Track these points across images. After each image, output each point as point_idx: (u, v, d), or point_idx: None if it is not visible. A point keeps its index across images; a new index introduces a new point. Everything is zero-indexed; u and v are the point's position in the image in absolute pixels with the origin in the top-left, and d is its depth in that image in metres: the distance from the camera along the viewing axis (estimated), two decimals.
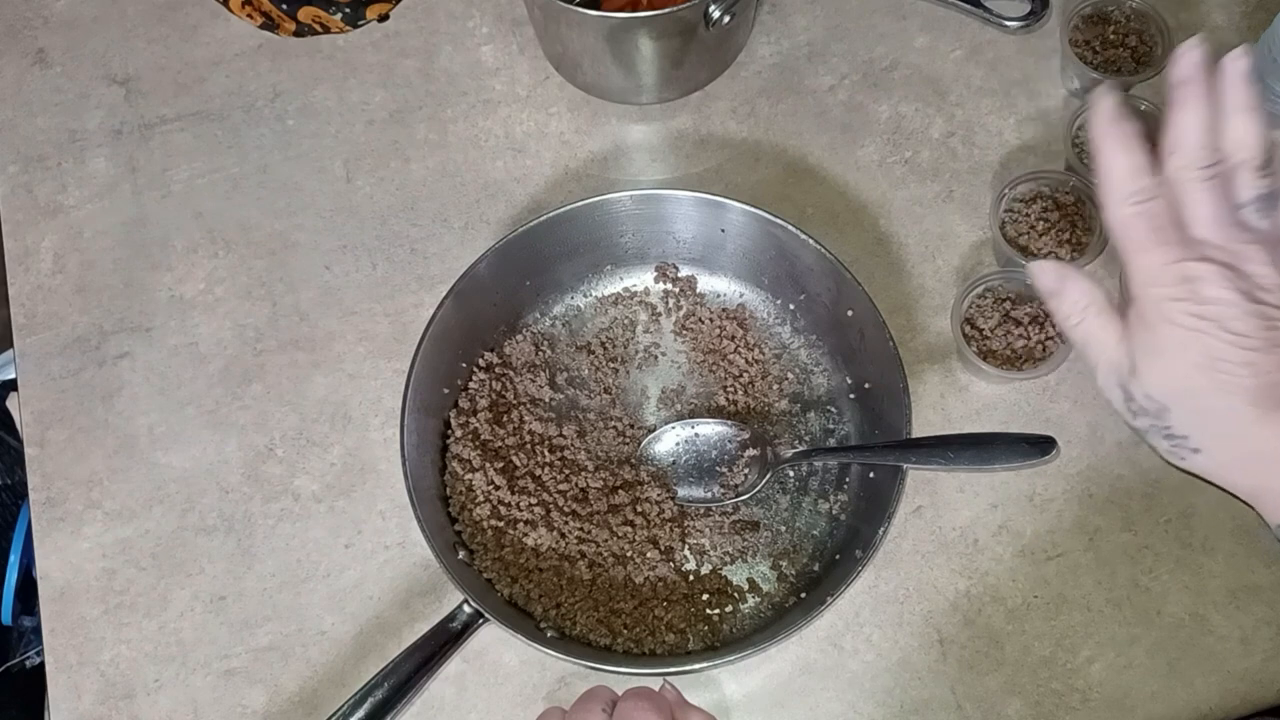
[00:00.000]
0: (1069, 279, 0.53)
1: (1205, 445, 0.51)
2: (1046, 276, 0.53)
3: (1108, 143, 0.49)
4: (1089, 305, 0.52)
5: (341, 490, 0.69)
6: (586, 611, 0.64)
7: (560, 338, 0.72)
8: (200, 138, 0.78)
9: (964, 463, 0.62)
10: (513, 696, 0.65)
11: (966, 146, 0.76)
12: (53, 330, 0.74)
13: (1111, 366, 0.52)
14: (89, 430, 0.71)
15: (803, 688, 0.64)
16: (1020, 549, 0.67)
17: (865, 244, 0.74)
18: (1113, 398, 0.53)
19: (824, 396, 0.69)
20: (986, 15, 0.76)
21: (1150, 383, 0.50)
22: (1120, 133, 0.49)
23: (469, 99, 0.79)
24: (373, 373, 0.72)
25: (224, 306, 0.74)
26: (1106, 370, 0.53)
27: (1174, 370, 0.49)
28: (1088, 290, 0.52)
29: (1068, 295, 0.53)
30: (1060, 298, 0.53)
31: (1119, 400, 0.53)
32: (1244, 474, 0.51)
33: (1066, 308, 0.53)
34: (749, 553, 0.66)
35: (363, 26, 0.81)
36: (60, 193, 0.77)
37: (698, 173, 0.76)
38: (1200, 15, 0.78)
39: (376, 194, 0.76)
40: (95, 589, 0.68)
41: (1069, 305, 0.53)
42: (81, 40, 0.81)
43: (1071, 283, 0.53)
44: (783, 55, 0.79)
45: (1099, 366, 0.53)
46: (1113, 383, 0.53)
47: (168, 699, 0.65)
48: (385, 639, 0.66)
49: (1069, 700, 0.64)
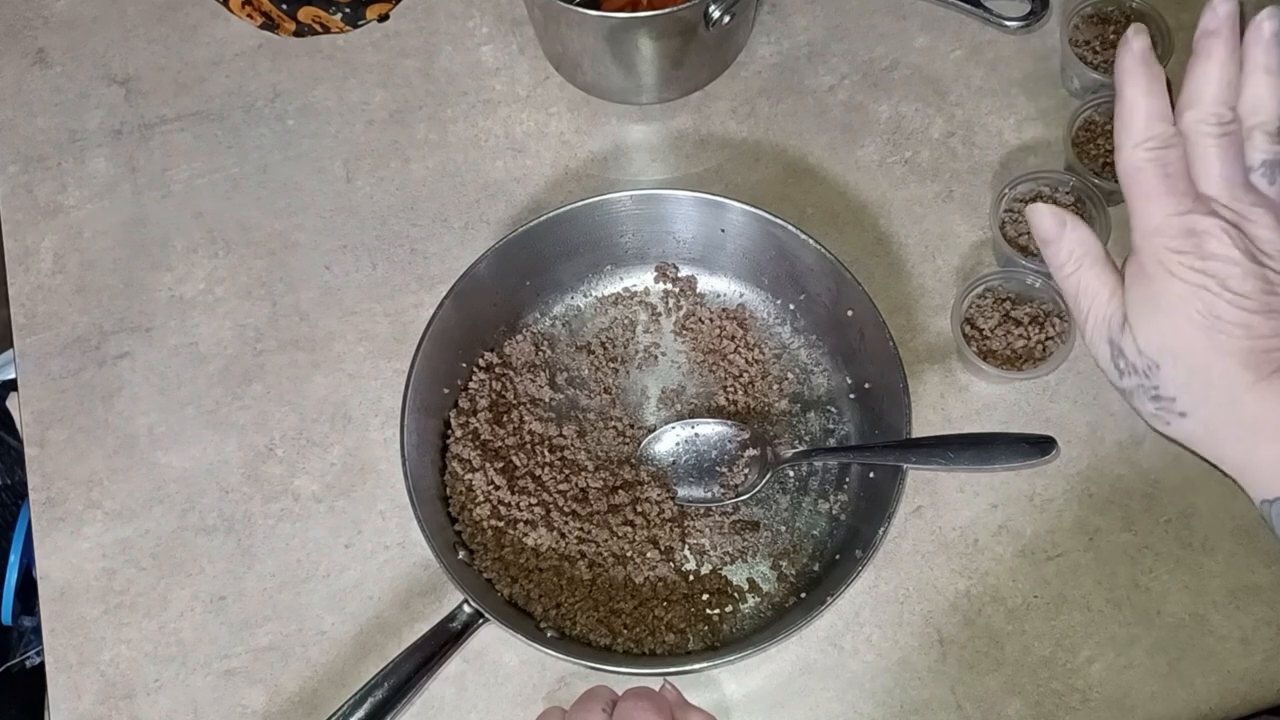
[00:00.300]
0: (1068, 225, 0.51)
1: (1192, 409, 0.49)
2: (1045, 221, 0.52)
3: (1133, 83, 0.48)
4: (1085, 254, 0.51)
5: (341, 490, 0.69)
6: (586, 611, 0.64)
7: (560, 338, 0.72)
8: (200, 138, 0.78)
9: (964, 463, 0.62)
10: (513, 696, 0.65)
11: (966, 146, 0.76)
12: (53, 330, 0.74)
13: (1102, 319, 0.51)
14: (89, 430, 0.71)
15: (803, 688, 0.64)
16: (1020, 549, 0.67)
17: (865, 244, 0.74)
18: (1100, 354, 0.52)
19: (824, 396, 0.69)
20: (986, 15, 0.76)
21: (1143, 336, 0.49)
22: (1147, 74, 0.48)
23: (469, 99, 0.79)
24: (373, 373, 0.72)
25: (224, 306, 0.74)
26: (1097, 323, 0.51)
27: (1169, 324, 0.48)
28: (1085, 239, 0.51)
29: (1064, 243, 0.52)
30: (1057, 245, 0.52)
31: (1106, 357, 0.51)
32: (1230, 442, 0.49)
33: (1062, 256, 0.52)
34: (749, 553, 0.66)
35: (363, 26, 0.81)
36: (60, 193, 0.77)
37: (698, 173, 0.76)
38: (1200, 15, 0.78)
39: (376, 194, 0.76)
40: (95, 589, 0.68)
41: (1064, 253, 0.52)
42: (81, 40, 0.81)
43: (1070, 230, 0.51)
44: (783, 55, 0.79)
45: (1089, 318, 0.52)
46: (1102, 337, 0.51)
47: (168, 699, 0.65)
48: (385, 639, 0.66)
49: (1069, 700, 0.64)
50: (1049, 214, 0.52)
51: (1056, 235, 0.52)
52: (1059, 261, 0.52)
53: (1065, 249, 0.52)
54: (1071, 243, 0.51)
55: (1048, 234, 0.52)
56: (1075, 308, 0.52)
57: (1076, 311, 0.52)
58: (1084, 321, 0.52)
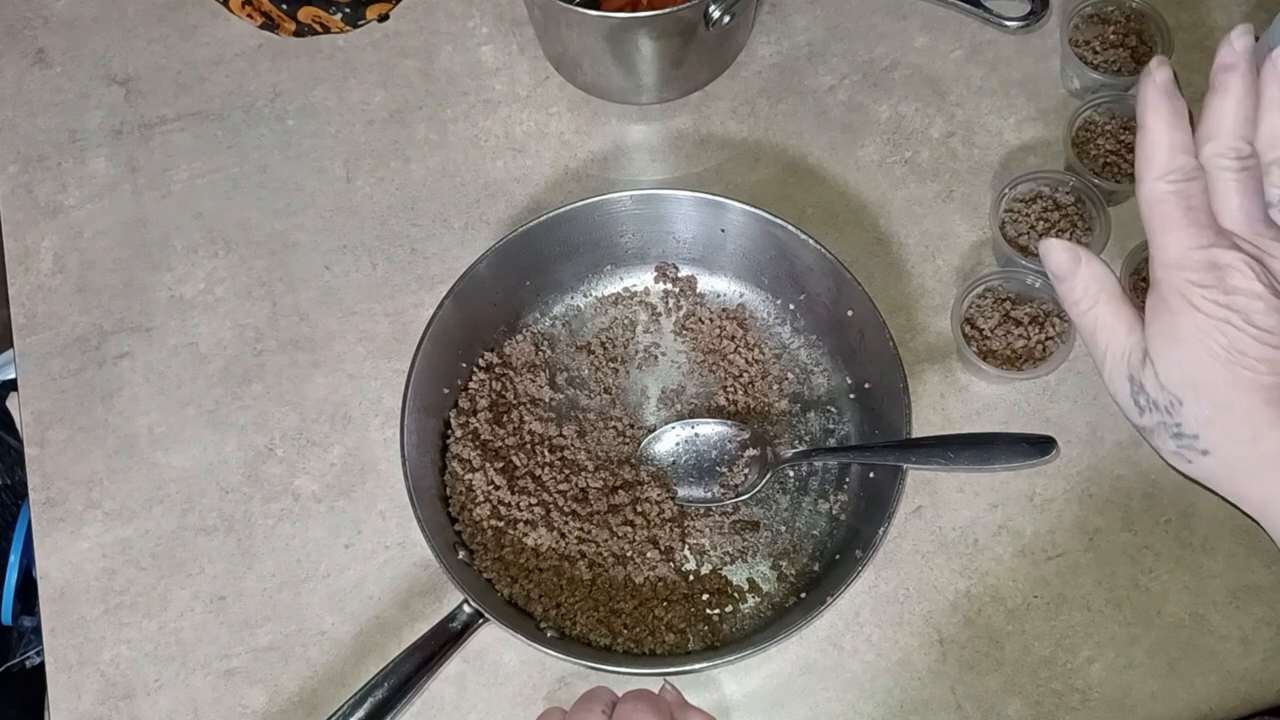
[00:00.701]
0: (1082, 261, 0.50)
1: (1215, 446, 0.48)
2: (1058, 256, 0.51)
3: (1155, 114, 0.47)
4: (1101, 290, 0.50)
5: (341, 490, 0.69)
6: (586, 611, 0.64)
7: (560, 338, 0.72)
8: (200, 138, 0.78)
9: (964, 463, 0.62)
10: (513, 696, 0.65)
11: (966, 146, 0.76)
12: (53, 330, 0.74)
13: (1121, 355, 0.50)
14: (89, 430, 0.71)
15: (803, 688, 0.64)
16: (1020, 549, 0.67)
17: (865, 244, 0.74)
18: (1119, 391, 0.51)
19: (824, 396, 0.69)
20: (986, 15, 0.76)
21: (1164, 370, 0.48)
22: (1170, 106, 0.47)
23: (469, 99, 0.79)
24: (373, 373, 0.72)
25: (224, 306, 0.74)
26: (1116, 359, 0.50)
27: (1191, 358, 0.47)
28: (1101, 274, 0.50)
29: (1079, 278, 0.50)
30: (1071, 280, 0.50)
31: (1126, 394, 0.50)
32: (1254, 480, 0.49)
33: (1078, 292, 0.50)
34: (749, 553, 0.66)
35: (363, 26, 0.81)
36: (60, 193, 0.77)
37: (698, 173, 0.76)
38: (1200, 15, 0.78)
39: (376, 194, 0.76)
40: (95, 589, 0.68)
41: (1079, 290, 0.50)
42: (81, 40, 0.81)
43: (1084, 265, 0.50)
44: (783, 55, 0.79)
45: (1107, 355, 0.50)
46: (1121, 374, 0.50)
47: (168, 699, 0.65)
48: (385, 639, 0.66)
49: (1069, 700, 0.64)
50: (1062, 249, 0.51)
51: (1070, 270, 0.50)
52: (1074, 298, 0.51)
53: (1080, 285, 0.50)
54: (1086, 278, 0.50)
55: (1061, 269, 0.51)
56: (1092, 344, 0.51)
57: (1094, 348, 0.51)
58: (1102, 359, 0.51)
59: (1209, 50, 0.77)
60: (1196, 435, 0.48)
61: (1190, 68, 0.77)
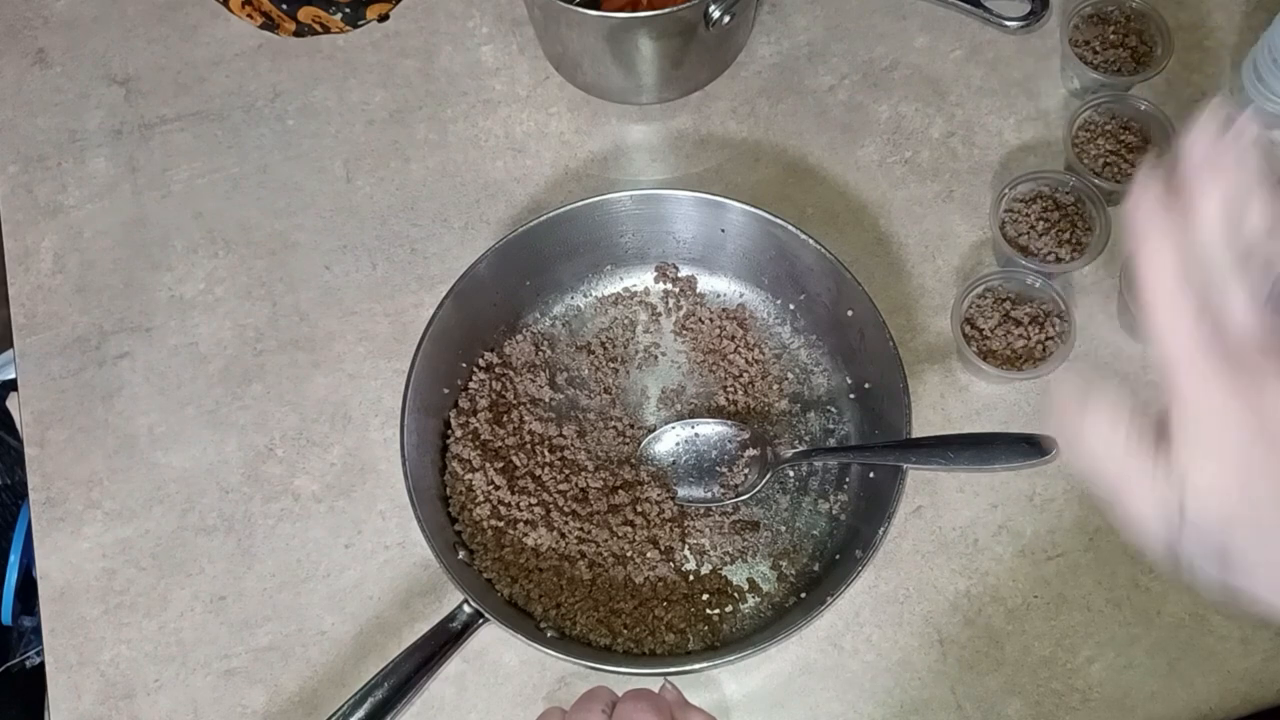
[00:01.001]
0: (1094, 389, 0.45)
1: (1270, 560, 0.45)
2: (1068, 390, 0.46)
3: (1151, 232, 0.43)
4: (1119, 414, 0.45)
5: (341, 490, 0.69)
6: (586, 611, 0.64)
7: (560, 338, 0.71)
8: (200, 138, 0.78)
9: (964, 463, 0.62)
10: (513, 696, 0.65)
11: (966, 146, 0.76)
12: (53, 330, 0.74)
13: (1158, 504, 0.45)
14: (89, 430, 0.71)
15: (803, 688, 0.64)
16: (1020, 549, 0.67)
17: (865, 244, 0.74)
18: (1155, 527, 0.46)
19: (824, 396, 0.69)
20: (986, 15, 0.76)
21: (1209, 503, 0.44)
22: (1166, 221, 0.43)
23: (469, 99, 0.79)
24: (373, 373, 0.72)
25: (224, 306, 0.74)
26: (1147, 495, 0.45)
27: (1237, 482, 0.44)
28: (1115, 400, 0.45)
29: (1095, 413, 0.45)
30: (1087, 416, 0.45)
31: (1165, 536, 0.46)
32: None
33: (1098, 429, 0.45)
34: (749, 553, 0.66)
35: (363, 26, 0.81)
36: (60, 193, 0.77)
37: (698, 173, 0.76)
38: (1200, 15, 0.78)
39: (376, 194, 0.76)
40: (95, 589, 0.68)
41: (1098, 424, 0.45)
42: (81, 40, 0.81)
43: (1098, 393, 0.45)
44: (783, 55, 0.79)
45: (1139, 491, 0.46)
46: (1156, 509, 0.46)
47: (168, 699, 0.65)
48: (385, 639, 0.66)
49: (1069, 700, 0.64)
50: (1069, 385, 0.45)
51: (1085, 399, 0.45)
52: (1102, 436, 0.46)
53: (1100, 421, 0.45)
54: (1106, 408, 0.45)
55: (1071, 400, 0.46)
56: (1121, 486, 0.46)
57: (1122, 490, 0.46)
58: (1131, 495, 0.46)
59: (1209, 50, 0.77)
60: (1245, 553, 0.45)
61: (1190, 67, 0.77)
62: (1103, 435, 0.46)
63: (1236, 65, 0.76)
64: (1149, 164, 0.44)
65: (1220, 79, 0.76)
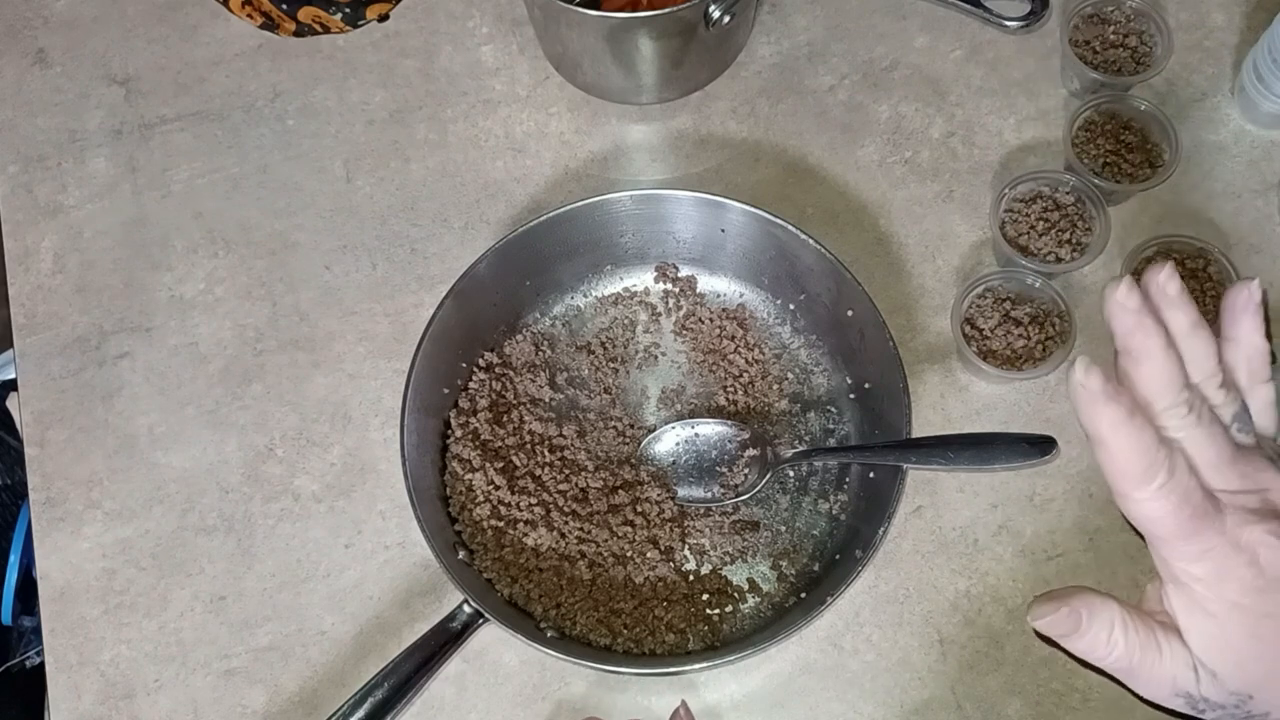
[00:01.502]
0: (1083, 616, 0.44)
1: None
2: (1060, 624, 0.44)
3: (1107, 428, 0.40)
4: (1114, 628, 0.44)
5: (341, 490, 0.69)
6: (586, 611, 0.64)
7: (560, 338, 0.72)
8: (200, 138, 0.78)
9: (964, 463, 0.62)
10: (513, 696, 0.65)
11: (966, 146, 0.76)
12: (53, 330, 0.74)
13: (1168, 680, 0.44)
14: (89, 430, 0.71)
15: (803, 688, 0.64)
16: (1020, 549, 0.67)
17: (865, 244, 0.74)
18: (1175, 705, 0.45)
19: (824, 396, 0.69)
20: (986, 15, 0.76)
21: (1229, 677, 0.43)
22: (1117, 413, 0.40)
23: (469, 99, 0.79)
24: (373, 373, 0.72)
25: (224, 306, 0.74)
26: (1162, 688, 0.44)
27: (1256, 652, 0.43)
28: (1108, 614, 0.44)
29: (1089, 632, 0.44)
30: (1079, 637, 0.44)
31: (1182, 706, 0.45)
32: None
33: (1097, 648, 0.44)
34: (749, 553, 0.66)
35: (363, 26, 0.81)
36: (60, 193, 0.77)
37: (698, 173, 0.76)
38: (1200, 15, 0.78)
39: (376, 194, 0.76)
40: (95, 589, 0.68)
41: (1093, 642, 0.44)
42: (81, 40, 0.81)
43: (1087, 615, 0.44)
44: (783, 55, 0.79)
45: (1150, 685, 0.45)
46: (1172, 695, 0.44)
47: (168, 699, 0.65)
48: (385, 639, 0.66)
49: (1069, 700, 0.64)
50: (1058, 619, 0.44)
51: (1075, 630, 0.44)
52: (1094, 654, 0.45)
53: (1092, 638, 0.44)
54: (1097, 627, 0.44)
55: (1064, 631, 0.45)
56: (1130, 680, 0.45)
57: (1132, 682, 0.45)
58: (1146, 687, 0.45)
59: (1209, 50, 0.77)
60: (1268, 713, 0.44)
61: (1190, 68, 0.77)
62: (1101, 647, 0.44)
63: (1236, 65, 0.76)
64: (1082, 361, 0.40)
65: (1220, 79, 0.76)
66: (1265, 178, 0.74)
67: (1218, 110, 0.76)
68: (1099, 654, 0.45)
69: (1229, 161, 0.74)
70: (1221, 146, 0.75)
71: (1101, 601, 0.44)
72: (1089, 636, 0.44)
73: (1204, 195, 0.74)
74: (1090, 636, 0.44)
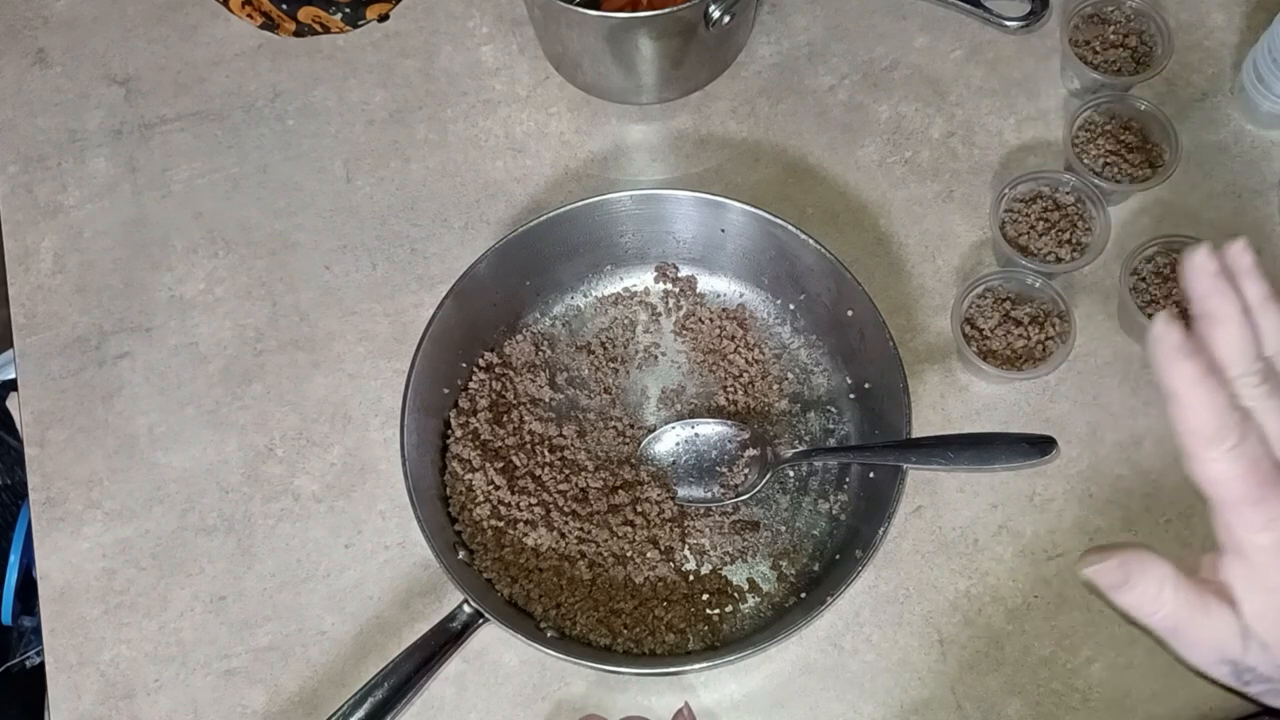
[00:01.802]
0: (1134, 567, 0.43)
1: None
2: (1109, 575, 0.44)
3: (1184, 383, 0.41)
4: (1164, 587, 0.44)
5: (341, 490, 0.69)
6: (586, 611, 0.64)
7: (560, 338, 0.72)
8: (200, 138, 0.78)
9: (964, 463, 0.62)
10: (513, 696, 0.65)
11: (966, 146, 0.76)
12: (53, 330, 0.74)
13: (1215, 644, 0.44)
14: (89, 430, 0.71)
15: (803, 688, 0.64)
16: (1020, 549, 0.67)
17: (865, 244, 0.74)
18: (1217, 674, 0.45)
19: (824, 396, 0.69)
20: (986, 15, 0.76)
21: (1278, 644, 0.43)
22: (1195, 369, 0.41)
23: (469, 99, 0.79)
24: (373, 373, 0.72)
25: (224, 306, 0.74)
26: (1208, 653, 0.44)
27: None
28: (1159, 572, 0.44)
29: (1138, 586, 0.44)
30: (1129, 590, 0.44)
31: (1227, 674, 0.45)
32: None
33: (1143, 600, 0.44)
34: (749, 553, 0.66)
35: (363, 26, 0.81)
36: (60, 193, 0.77)
37: (698, 173, 0.76)
38: (1200, 15, 0.78)
39: (376, 194, 0.76)
40: (95, 589, 0.68)
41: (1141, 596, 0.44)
42: (81, 40, 0.81)
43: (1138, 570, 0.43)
44: (783, 55, 0.79)
45: (1196, 650, 0.45)
46: (1217, 662, 0.44)
47: (168, 699, 0.65)
48: (385, 639, 0.66)
49: (1069, 700, 0.64)
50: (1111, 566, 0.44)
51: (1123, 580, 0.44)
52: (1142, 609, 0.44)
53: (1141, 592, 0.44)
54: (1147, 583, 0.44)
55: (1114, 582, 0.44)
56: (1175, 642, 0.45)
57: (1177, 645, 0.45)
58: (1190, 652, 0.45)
59: (1209, 50, 0.77)
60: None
61: (1190, 67, 0.77)
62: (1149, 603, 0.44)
63: (1236, 65, 0.76)
64: (1164, 316, 0.41)
65: (1220, 79, 0.76)
66: (1265, 178, 0.74)
67: (1218, 110, 0.76)
68: (1146, 610, 0.44)
69: (1229, 161, 0.74)
70: (1221, 146, 0.75)
71: (1155, 559, 0.44)
72: (1138, 590, 0.44)
73: (1204, 195, 0.74)
74: (1139, 591, 0.44)
